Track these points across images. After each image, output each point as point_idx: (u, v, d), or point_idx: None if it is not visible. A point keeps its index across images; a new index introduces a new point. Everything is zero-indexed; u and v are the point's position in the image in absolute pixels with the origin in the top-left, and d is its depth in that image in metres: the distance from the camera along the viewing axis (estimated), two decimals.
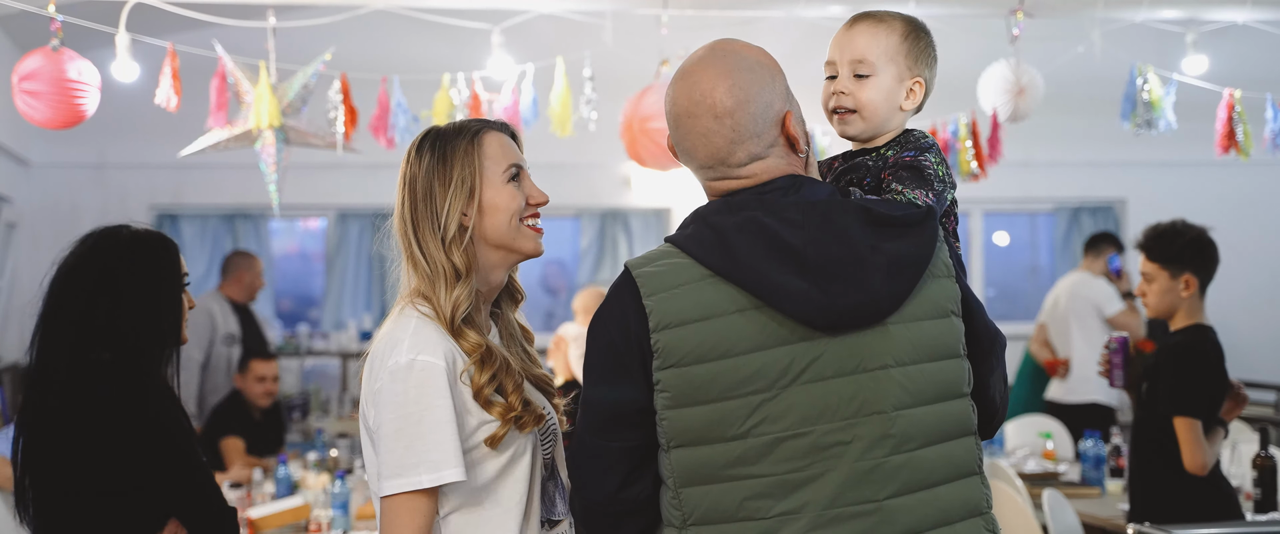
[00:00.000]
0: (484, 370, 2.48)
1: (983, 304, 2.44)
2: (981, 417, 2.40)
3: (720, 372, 2.21)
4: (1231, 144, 5.93)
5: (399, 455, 2.39)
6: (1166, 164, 9.94)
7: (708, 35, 2.61)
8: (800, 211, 2.25)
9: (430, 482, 2.38)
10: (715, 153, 2.34)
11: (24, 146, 8.34)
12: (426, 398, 2.40)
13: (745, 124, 2.31)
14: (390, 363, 2.43)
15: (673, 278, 2.25)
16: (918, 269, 2.27)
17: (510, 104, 5.76)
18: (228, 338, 7.89)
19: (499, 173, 2.58)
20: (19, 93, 4.95)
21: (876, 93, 2.51)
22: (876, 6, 2.69)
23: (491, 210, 2.56)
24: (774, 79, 2.36)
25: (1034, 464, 6.82)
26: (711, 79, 2.33)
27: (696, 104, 2.33)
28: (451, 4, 5.77)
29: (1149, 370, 4.64)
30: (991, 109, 6.13)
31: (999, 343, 2.45)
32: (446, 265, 2.52)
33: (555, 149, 6.76)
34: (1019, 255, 11.08)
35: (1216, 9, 6.11)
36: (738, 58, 2.35)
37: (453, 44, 6.73)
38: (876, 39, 2.52)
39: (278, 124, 5.24)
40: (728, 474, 2.22)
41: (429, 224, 2.53)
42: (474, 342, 2.50)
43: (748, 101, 2.31)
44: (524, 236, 2.61)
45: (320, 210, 9.75)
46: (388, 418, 2.41)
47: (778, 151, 2.35)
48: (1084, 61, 6.41)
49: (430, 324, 2.49)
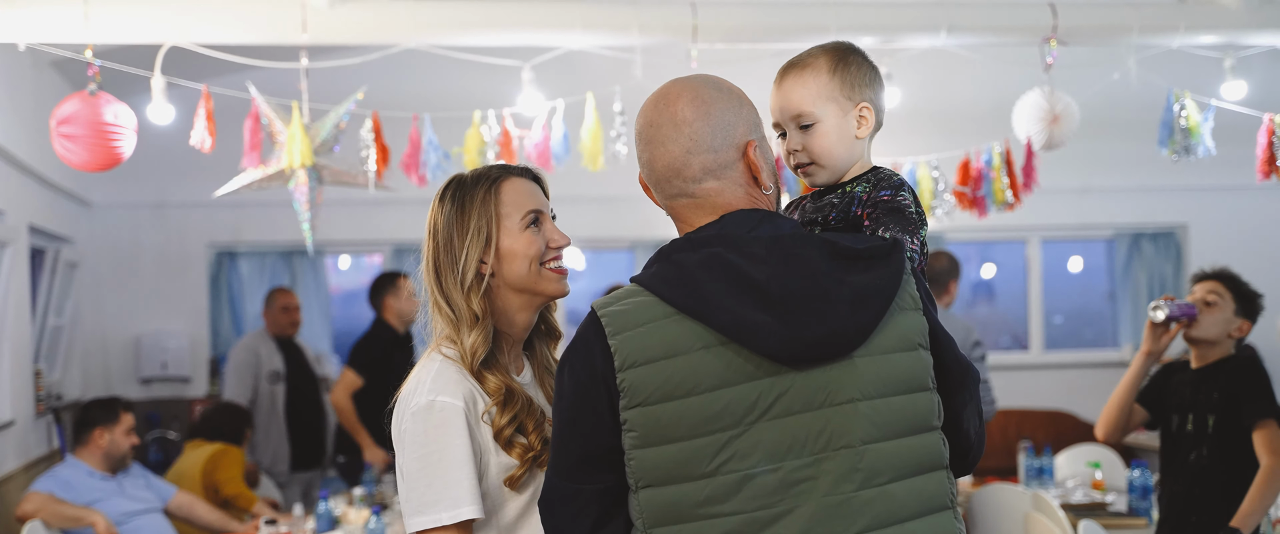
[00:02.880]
0: (505, 412, 2.55)
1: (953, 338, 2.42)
2: (955, 451, 2.37)
3: (687, 409, 2.20)
4: (1272, 169, 5.85)
5: (421, 493, 2.47)
6: (1227, 189, 9.80)
7: (738, 68, 2.65)
8: (764, 246, 2.25)
9: (449, 519, 2.45)
10: (671, 162, 2.35)
11: (85, 188, 8.53)
12: (445, 437, 2.48)
13: (703, 136, 2.32)
14: (413, 404, 2.52)
15: (638, 316, 2.25)
16: (883, 302, 2.24)
17: (541, 140, 5.80)
18: (272, 375, 8.01)
19: (516, 219, 2.63)
20: (56, 137, 5.07)
21: (826, 138, 2.52)
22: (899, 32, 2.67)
23: (510, 257, 2.62)
24: (742, 107, 2.37)
25: (1082, 494, 6.75)
26: (676, 93, 2.37)
27: (660, 114, 2.36)
28: (482, 41, 5.82)
29: (1200, 395, 4.63)
30: (1026, 137, 6.08)
31: (970, 376, 2.41)
32: (465, 311, 2.59)
33: (608, 183, 6.80)
34: (1095, 281, 10.95)
35: (1254, 34, 6.02)
36: (707, 81, 2.39)
37: (483, 81, 6.79)
38: (806, 86, 2.53)
39: (310, 163, 5.32)
40: (697, 513, 2.21)
41: (450, 271, 2.61)
42: (494, 384, 2.57)
43: (707, 115, 2.33)
44: (545, 280, 2.66)
45: (378, 246, 9.85)
46: (410, 457, 2.50)
47: (737, 178, 2.35)
48: (1125, 87, 6.35)
49: (453, 366, 2.57)
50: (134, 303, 9.23)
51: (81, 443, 6.06)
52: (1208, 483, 4.54)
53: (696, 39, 5.69)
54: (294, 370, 8.14)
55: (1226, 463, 4.51)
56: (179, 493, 6.31)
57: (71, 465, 6.02)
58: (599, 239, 9.59)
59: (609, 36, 5.79)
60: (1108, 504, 6.50)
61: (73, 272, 8.37)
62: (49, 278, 7.85)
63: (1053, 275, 10.73)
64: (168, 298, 9.29)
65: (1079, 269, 11.09)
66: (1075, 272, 11.08)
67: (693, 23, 5.64)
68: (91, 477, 5.98)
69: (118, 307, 9.17)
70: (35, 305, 7.44)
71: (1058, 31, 5.81)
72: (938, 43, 5.98)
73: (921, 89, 8.15)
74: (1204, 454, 4.57)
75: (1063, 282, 10.95)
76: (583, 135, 5.82)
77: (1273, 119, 5.86)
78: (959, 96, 8.80)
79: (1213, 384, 4.60)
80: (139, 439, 6.21)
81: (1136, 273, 10.39)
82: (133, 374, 9.16)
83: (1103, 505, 6.47)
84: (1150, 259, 10.36)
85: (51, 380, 7.69)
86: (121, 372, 9.16)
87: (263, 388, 7.98)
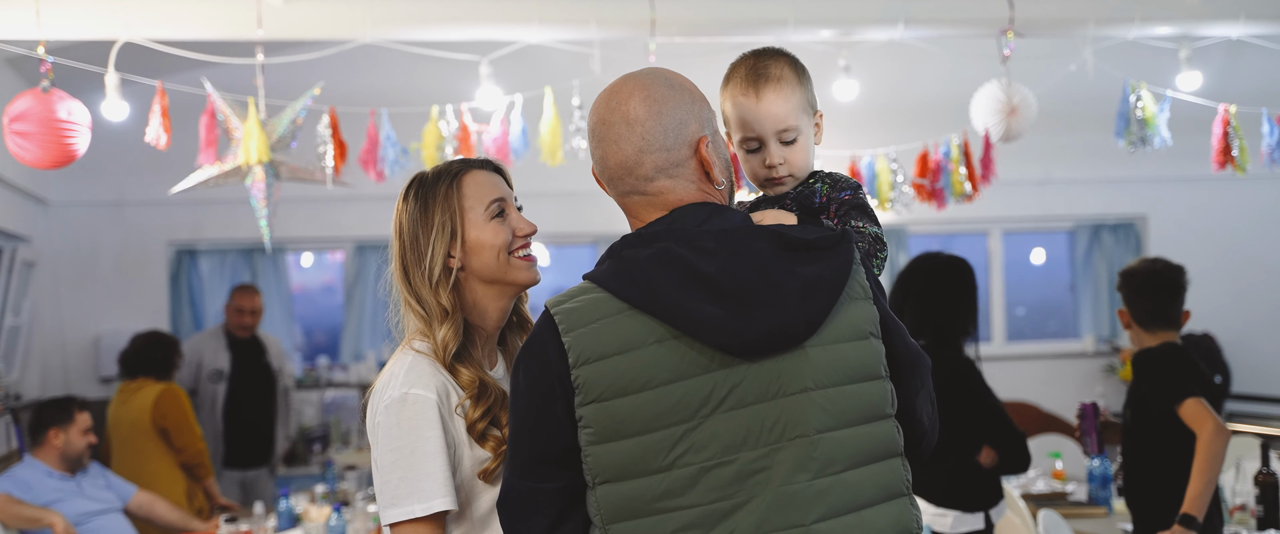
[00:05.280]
0: (478, 405, 2.57)
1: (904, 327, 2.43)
2: (909, 439, 2.38)
3: (642, 404, 2.20)
4: (1228, 159, 5.90)
5: (394, 486, 2.50)
6: (1187, 179, 9.88)
7: (695, 62, 2.64)
8: (713, 240, 2.25)
9: (422, 511, 2.48)
10: (624, 160, 2.35)
11: (42, 187, 8.46)
12: (418, 430, 2.50)
13: (655, 135, 2.32)
14: (386, 397, 2.54)
15: (590, 313, 2.25)
16: (833, 292, 2.25)
17: (499, 134, 5.78)
18: (214, 374, 8.01)
19: (480, 211, 2.65)
20: (9, 134, 5.01)
21: (805, 150, 2.55)
22: (863, 37, 2.68)
23: (477, 249, 2.64)
24: (694, 103, 2.37)
25: (1043, 484, 6.80)
26: (629, 89, 2.36)
27: (612, 112, 2.36)
28: (439, 36, 5.80)
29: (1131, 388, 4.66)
30: (984, 129, 6.11)
31: (922, 363, 2.43)
32: (435, 306, 2.62)
33: (568, 178, 6.79)
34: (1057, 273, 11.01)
35: (1209, 25, 6.06)
36: (660, 75, 2.39)
37: (441, 76, 6.77)
38: (788, 99, 2.53)
39: (267, 159, 5.29)
40: (655, 508, 2.21)
41: (417, 267, 2.63)
42: (468, 378, 2.59)
43: (660, 113, 2.33)
44: (515, 269, 2.68)
45: (338, 243, 9.81)
46: (383, 450, 2.53)
47: (689, 174, 2.36)
48: (1084, 79, 6.38)
49: (425, 360, 2.59)
50: (93, 302, 9.15)
51: (37, 444, 6.02)
52: (1134, 474, 4.62)
53: (655, 33, 5.68)
54: (245, 369, 8.12)
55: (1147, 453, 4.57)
56: (139, 492, 6.27)
57: (30, 466, 5.98)
58: (561, 234, 9.58)
59: (567, 31, 5.77)
60: (1068, 494, 6.55)
61: (30, 271, 8.30)
62: (5, 277, 7.77)
63: (1015, 267, 10.78)
64: (127, 297, 9.22)
65: (1042, 261, 11.14)
66: (1038, 263, 11.14)
67: (651, 16, 5.63)
68: (50, 477, 5.94)
69: (76, 306, 9.10)
70: None
71: (1015, 24, 5.84)
72: (895, 35, 6.00)
73: (879, 82, 8.18)
74: (1128, 446, 4.66)
75: (1025, 273, 11.00)
76: (542, 130, 5.80)
77: (1227, 110, 5.91)
78: (917, 89, 8.83)
79: (1138, 376, 4.67)
80: (96, 438, 6.17)
81: (1097, 264, 10.45)
82: (92, 374, 9.09)
83: (1063, 495, 6.52)
84: (1110, 250, 10.43)
85: (9, 381, 7.63)
86: (80, 371, 9.09)
87: (204, 386, 8.00)
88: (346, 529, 5.63)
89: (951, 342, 4.96)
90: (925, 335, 4.94)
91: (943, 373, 4.66)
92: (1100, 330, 10.40)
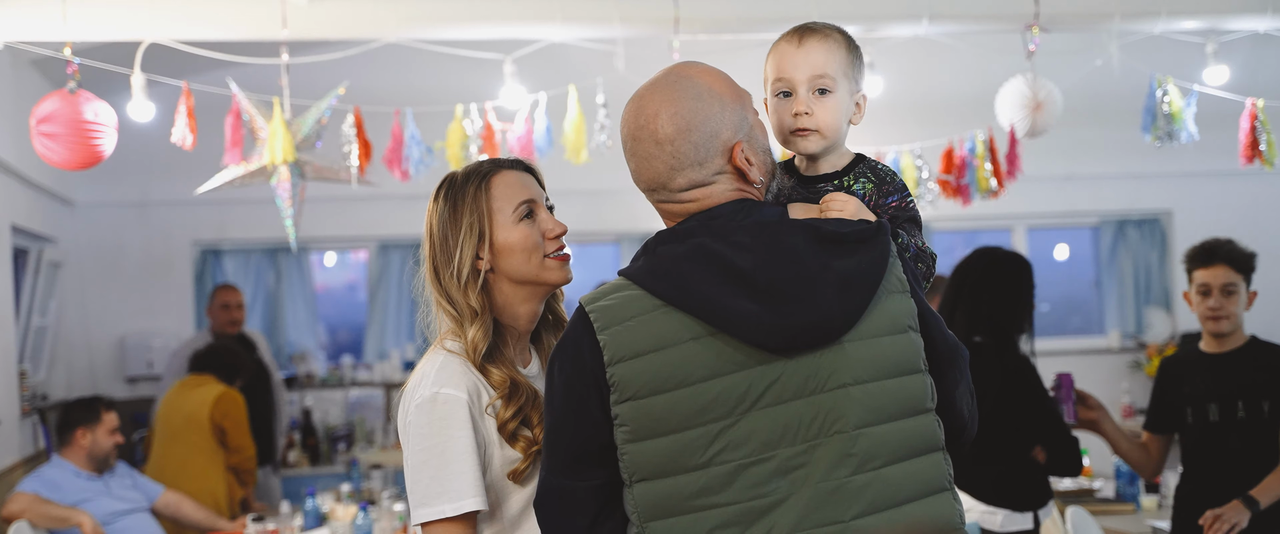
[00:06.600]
0: (509, 405, 2.57)
1: (941, 318, 2.41)
2: (949, 431, 2.36)
3: (678, 401, 2.19)
4: (1255, 154, 5.86)
5: (425, 485, 2.50)
6: (1213, 174, 9.78)
7: (719, 59, 2.61)
8: (748, 234, 2.24)
9: (452, 511, 2.48)
10: (655, 177, 2.34)
11: (68, 188, 8.48)
12: (449, 430, 2.50)
13: (686, 152, 2.30)
14: (417, 397, 2.54)
15: (625, 310, 2.24)
16: (870, 286, 2.23)
17: (524, 133, 5.78)
18: None
19: (509, 213, 2.64)
20: (36, 135, 5.03)
21: (836, 110, 2.46)
22: (881, 19, 2.64)
23: (506, 251, 2.63)
24: (725, 108, 2.33)
25: (1070, 481, 6.77)
26: (656, 104, 2.32)
27: (640, 128, 2.33)
28: (463, 35, 5.80)
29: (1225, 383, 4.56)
30: (1009, 125, 6.08)
31: (960, 355, 2.41)
32: (464, 306, 2.61)
33: (592, 176, 6.79)
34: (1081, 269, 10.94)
35: (1236, 19, 6.01)
36: (688, 84, 2.34)
37: (465, 74, 6.77)
38: (832, 54, 2.47)
39: (292, 159, 5.30)
40: (692, 505, 2.20)
41: (447, 268, 2.63)
42: (499, 377, 2.59)
43: (689, 129, 2.30)
44: (547, 269, 2.67)
45: (362, 242, 9.82)
46: (414, 449, 2.53)
47: (724, 180, 2.34)
48: (1110, 74, 6.34)
49: (457, 360, 2.59)
50: (119, 302, 9.18)
51: (65, 444, 6.04)
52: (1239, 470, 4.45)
53: (678, 30, 5.67)
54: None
55: (1258, 449, 4.45)
56: (166, 492, 6.29)
57: (57, 466, 6.00)
58: (585, 232, 9.56)
59: (591, 29, 5.76)
60: (1095, 490, 6.52)
61: (56, 271, 8.33)
62: (32, 278, 7.81)
63: (1040, 263, 10.71)
64: (152, 297, 9.25)
65: (1066, 257, 11.09)
66: (1062, 259, 11.08)
67: (675, 14, 5.61)
68: (78, 477, 5.96)
69: (102, 306, 9.13)
70: (19, 306, 7.40)
71: (1039, 19, 5.80)
72: (919, 31, 5.97)
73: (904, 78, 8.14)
74: (1236, 441, 4.50)
75: (1050, 269, 10.94)
76: (566, 128, 5.80)
77: (1255, 104, 5.87)
78: (941, 85, 8.79)
79: (1237, 371, 4.53)
80: (123, 438, 6.19)
81: (1122, 260, 10.39)
82: (118, 374, 9.12)
83: (1090, 491, 6.50)
84: (1135, 246, 10.36)
85: (36, 381, 7.65)
86: (107, 371, 9.12)
87: None
88: (373, 528, 5.64)
89: (1009, 338, 4.77)
90: (981, 331, 4.75)
91: (1001, 370, 4.63)
92: (1125, 327, 10.34)
